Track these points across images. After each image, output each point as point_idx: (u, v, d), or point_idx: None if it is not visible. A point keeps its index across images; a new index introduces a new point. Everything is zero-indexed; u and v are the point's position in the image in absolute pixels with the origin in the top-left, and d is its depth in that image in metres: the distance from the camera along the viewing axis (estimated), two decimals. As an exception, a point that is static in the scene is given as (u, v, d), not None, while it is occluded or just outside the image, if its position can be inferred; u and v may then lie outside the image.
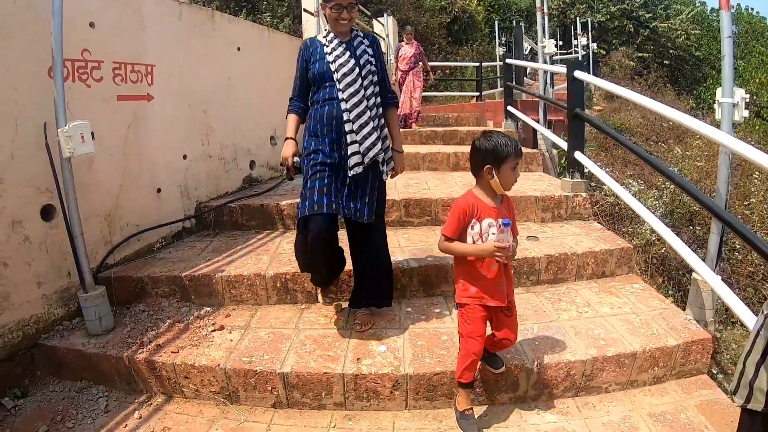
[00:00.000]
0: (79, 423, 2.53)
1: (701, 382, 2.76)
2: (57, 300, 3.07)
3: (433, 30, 13.82)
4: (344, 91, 2.70)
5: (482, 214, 2.25)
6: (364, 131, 2.71)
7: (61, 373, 2.90)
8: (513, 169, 2.22)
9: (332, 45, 2.76)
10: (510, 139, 2.22)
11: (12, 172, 2.81)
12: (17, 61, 2.83)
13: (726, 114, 2.79)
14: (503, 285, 2.30)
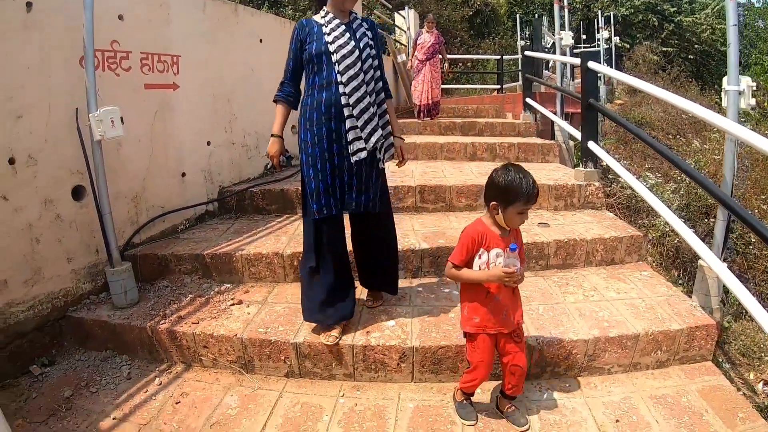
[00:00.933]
0: (103, 388, 2.68)
1: (705, 368, 2.77)
2: (85, 275, 3.23)
3: (455, 23, 13.73)
4: (343, 74, 2.52)
5: (491, 243, 2.21)
6: (364, 116, 2.56)
7: (86, 343, 3.05)
8: (520, 213, 2.15)
9: (331, 26, 2.59)
10: (528, 183, 2.09)
11: (45, 154, 2.96)
12: (51, 51, 2.97)
13: (732, 101, 2.79)
14: (507, 312, 2.25)
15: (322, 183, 2.59)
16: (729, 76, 2.81)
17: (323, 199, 2.58)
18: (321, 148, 2.57)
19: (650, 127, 8.73)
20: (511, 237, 2.25)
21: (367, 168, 2.65)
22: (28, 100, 2.86)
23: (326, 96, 2.55)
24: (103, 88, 3.07)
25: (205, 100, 4.28)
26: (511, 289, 2.26)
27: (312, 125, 2.59)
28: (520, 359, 2.29)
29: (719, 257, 2.94)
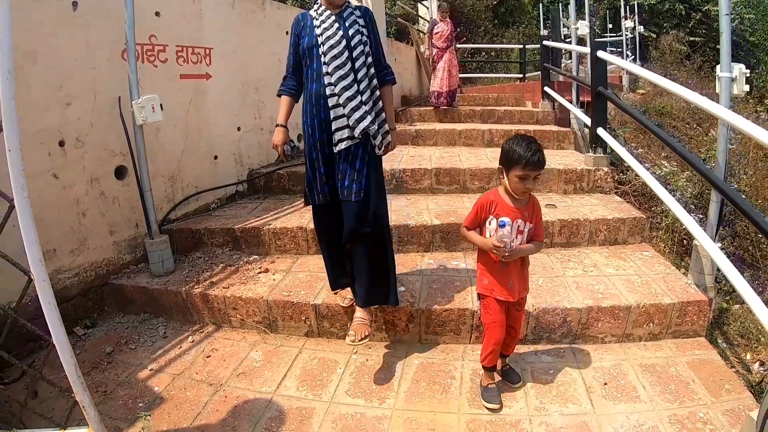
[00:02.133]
0: (141, 345, 2.99)
1: (698, 343, 2.89)
2: (125, 247, 3.55)
3: (479, 12, 13.73)
4: (329, 64, 2.54)
5: (499, 211, 2.25)
6: (351, 104, 2.55)
7: (126, 308, 3.38)
8: (521, 178, 2.17)
9: (321, 18, 2.61)
10: (530, 149, 2.13)
11: (91, 137, 3.27)
12: (95, 46, 3.26)
13: (724, 87, 2.91)
14: (513, 283, 2.32)
15: (315, 171, 2.67)
16: (722, 63, 2.92)
17: (317, 187, 2.68)
18: (313, 139, 2.64)
19: (671, 117, 8.69)
20: (525, 209, 2.28)
21: (352, 153, 2.62)
22: (75, 89, 3.16)
23: (315, 88, 2.59)
24: (143, 78, 3.35)
25: (235, 89, 4.57)
26: (518, 262, 2.34)
27: (306, 116, 2.66)
28: (516, 322, 2.47)
29: (713, 238, 3.07)
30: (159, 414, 2.36)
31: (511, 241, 2.23)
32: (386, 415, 2.32)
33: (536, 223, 2.34)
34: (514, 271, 2.34)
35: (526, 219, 2.28)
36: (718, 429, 2.21)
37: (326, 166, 2.66)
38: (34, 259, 1.49)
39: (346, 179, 2.61)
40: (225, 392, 2.50)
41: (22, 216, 1.47)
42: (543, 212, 3.85)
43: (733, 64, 2.88)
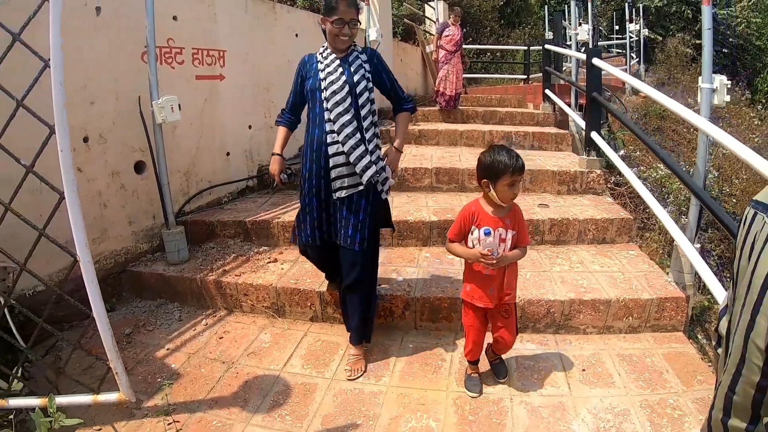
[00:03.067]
0: (158, 327, 3.26)
1: (675, 337, 3.10)
2: (143, 237, 3.82)
3: (486, 13, 13.91)
4: (332, 111, 2.54)
5: (481, 222, 2.34)
6: (356, 152, 2.55)
7: (142, 293, 3.65)
8: (510, 185, 2.26)
9: (326, 61, 2.61)
10: (511, 156, 2.23)
11: (113, 134, 3.53)
12: (116, 48, 3.52)
13: (705, 98, 3.13)
14: (494, 289, 2.40)
15: (309, 216, 2.70)
16: (703, 74, 3.14)
17: (305, 230, 2.73)
18: (310, 184, 2.66)
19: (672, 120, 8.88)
20: (506, 218, 2.36)
21: (356, 202, 2.65)
22: (98, 88, 3.42)
23: (318, 133, 2.59)
24: (161, 79, 3.60)
25: (247, 89, 4.83)
26: (502, 269, 2.40)
27: (305, 160, 2.68)
28: (505, 334, 2.50)
29: (692, 239, 3.31)
30: (176, 388, 2.63)
31: (497, 249, 2.32)
32: (382, 391, 2.59)
33: (519, 230, 2.40)
34: (497, 278, 2.40)
35: (508, 227, 2.35)
36: (686, 414, 2.41)
37: (319, 212, 2.69)
38: (81, 243, 1.76)
39: (350, 228, 2.63)
40: (236, 369, 2.77)
41: (71, 206, 1.73)
42: (535, 211, 4.17)
43: (715, 76, 3.10)
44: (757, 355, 0.83)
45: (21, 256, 1.97)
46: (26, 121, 1.87)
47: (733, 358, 0.91)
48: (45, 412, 1.94)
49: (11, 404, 2.03)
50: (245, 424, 2.36)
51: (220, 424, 2.36)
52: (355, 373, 2.71)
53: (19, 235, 2.29)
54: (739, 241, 0.94)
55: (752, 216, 0.89)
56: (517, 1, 15.27)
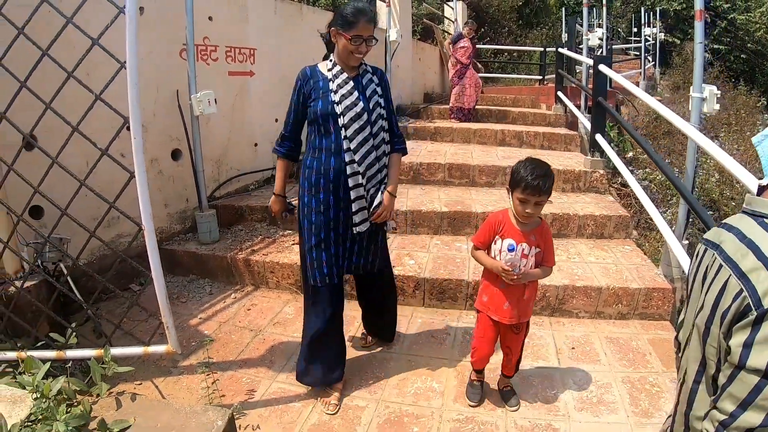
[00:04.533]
0: (190, 300, 3.64)
1: (662, 326, 3.38)
2: (177, 218, 4.21)
3: (504, 13, 14.14)
4: (352, 139, 2.34)
5: (506, 233, 2.29)
6: (372, 183, 2.45)
7: (175, 270, 4.01)
8: (521, 202, 2.18)
9: (338, 81, 2.35)
10: (534, 173, 2.12)
11: (153, 124, 3.90)
12: (157, 45, 3.88)
13: (695, 107, 3.41)
14: (510, 305, 2.35)
15: (325, 253, 2.46)
16: (694, 84, 3.43)
17: (326, 269, 2.47)
18: (327, 217, 2.43)
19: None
20: (532, 233, 2.29)
21: (377, 233, 2.62)
22: (141, 82, 3.74)
23: (335, 163, 2.36)
24: (197, 74, 3.94)
25: (274, 85, 5.20)
26: (521, 286, 2.35)
27: (318, 191, 2.41)
28: (515, 349, 2.51)
29: (680, 236, 3.59)
30: (210, 351, 2.99)
31: (520, 264, 2.29)
32: (392, 357, 2.95)
33: (545, 249, 2.34)
34: (515, 294, 2.35)
35: (532, 243, 2.29)
36: (664, 391, 2.68)
37: (337, 247, 2.50)
38: (146, 215, 2.14)
39: (370, 255, 2.62)
40: (263, 336, 3.15)
41: (140, 184, 2.12)
42: (540, 209, 4.45)
43: (705, 86, 3.39)
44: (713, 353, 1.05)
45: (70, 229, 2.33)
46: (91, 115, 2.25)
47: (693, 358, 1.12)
48: (99, 362, 2.23)
49: (69, 355, 2.35)
50: (271, 381, 2.73)
51: (249, 380, 2.73)
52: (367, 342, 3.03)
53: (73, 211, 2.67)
54: (692, 271, 1.17)
55: (703, 251, 1.13)
56: (536, 2, 15.44)
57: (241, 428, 2.33)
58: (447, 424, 2.44)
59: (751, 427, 0.93)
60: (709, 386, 1.07)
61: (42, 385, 1.90)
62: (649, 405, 2.57)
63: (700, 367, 1.10)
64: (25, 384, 1.96)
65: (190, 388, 2.65)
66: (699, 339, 1.09)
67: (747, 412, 0.93)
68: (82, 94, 2.22)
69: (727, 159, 2.56)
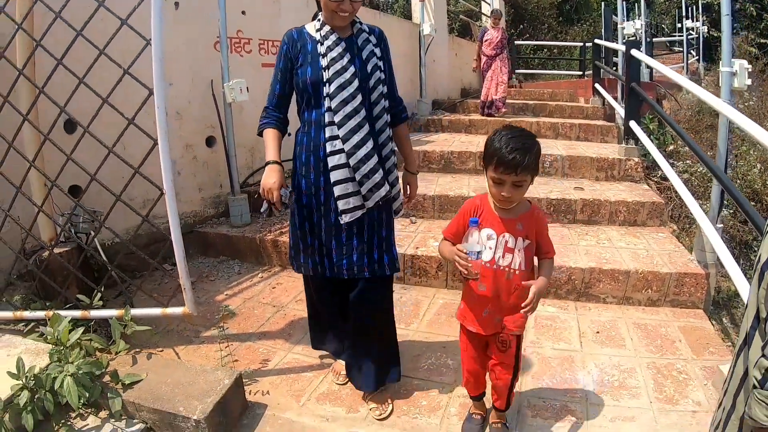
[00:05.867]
0: (218, 278, 3.70)
1: (694, 314, 3.17)
2: (210, 203, 4.29)
3: (543, 10, 13.88)
4: (336, 112, 1.96)
5: (483, 221, 1.81)
6: (365, 167, 1.99)
7: (207, 251, 4.10)
8: (495, 182, 1.71)
9: (328, 43, 1.99)
10: (509, 145, 1.65)
11: (188, 112, 4.01)
12: (193, 38, 3.99)
13: (725, 81, 3.22)
14: (489, 312, 1.87)
15: (302, 241, 2.16)
16: (723, 58, 3.24)
17: (311, 260, 2.17)
18: (317, 201, 2.08)
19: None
20: (517, 221, 1.81)
21: (366, 221, 2.12)
22: (177, 72, 3.90)
23: (324, 139, 2.01)
24: (231, 66, 4.03)
25: (305, 76, 5.25)
26: (507, 286, 1.83)
27: (308, 171, 2.07)
28: (500, 371, 1.96)
29: (714, 220, 3.40)
30: (231, 324, 3.04)
31: (480, 252, 1.73)
32: (409, 334, 2.90)
33: (541, 239, 1.86)
34: (494, 296, 1.85)
35: (519, 234, 1.80)
36: (692, 379, 2.52)
37: (327, 235, 2.11)
38: (167, 180, 2.19)
39: (374, 252, 2.15)
40: (285, 312, 3.16)
41: (162, 151, 2.20)
42: (569, 193, 4.32)
43: (734, 60, 3.20)
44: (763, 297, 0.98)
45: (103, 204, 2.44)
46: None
47: (752, 303, 1.03)
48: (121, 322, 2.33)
49: (92, 315, 2.43)
50: (287, 352, 2.74)
51: (265, 351, 2.75)
52: (384, 409, 2.28)
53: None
54: None
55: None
56: (576, -2, 15.09)
57: (252, 393, 2.34)
58: (457, 399, 2.37)
59: (764, 365, 0.90)
60: (762, 333, 1.00)
61: (60, 333, 1.96)
62: (674, 392, 2.42)
63: (756, 312, 1.04)
64: (47, 334, 2.03)
65: (207, 356, 2.68)
66: (757, 282, 1.03)
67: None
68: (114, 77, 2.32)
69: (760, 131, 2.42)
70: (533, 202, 1.90)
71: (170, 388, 1.94)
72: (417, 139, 6.07)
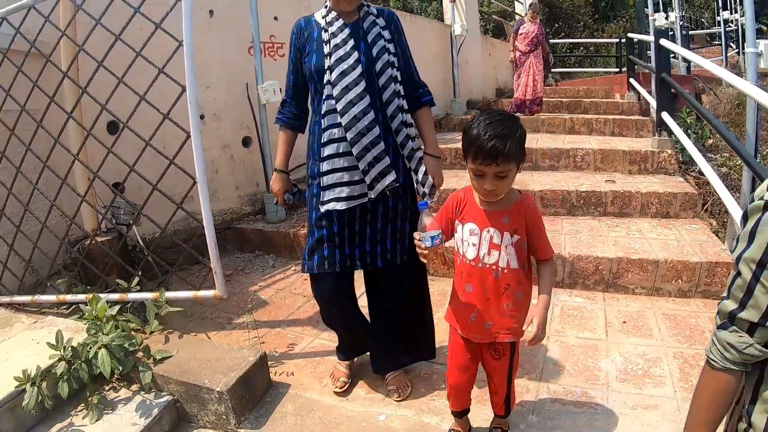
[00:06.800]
0: (253, 271, 3.81)
1: None
2: (246, 200, 4.42)
3: (578, 8, 13.56)
4: (339, 100, 1.89)
5: (466, 215, 1.65)
6: (369, 155, 1.92)
7: (243, 247, 4.23)
8: (476, 175, 1.53)
9: (332, 29, 1.93)
10: (488, 131, 1.46)
11: (225, 113, 4.16)
12: (228, 43, 4.14)
13: (751, 62, 3.11)
14: (477, 316, 1.68)
15: (326, 230, 2.05)
16: (747, 39, 3.13)
17: (326, 250, 2.06)
18: None
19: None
20: (504, 214, 1.61)
21: (388, 211, 2.06)
22: (213, 76, 4.05)
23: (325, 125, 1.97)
24: (265, 70, 4.15)
25: (338, 78, 5.35)
26: (495, 286, 1.64)
27: (320, 158, 2.01)
28: (495, 374, 1.79)
29: (745, 207, 3.27)
30: (262, 312, 3.14)
31: (433, 237, 1.56)
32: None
33: (533, 234, 1.63)
34: (480, 297, 1.67)
35: (506, 228, 1.60)
36: None
37: (339, 225, 2.05)
38: (200, 169, 2.30)
39: (377, 240, 2.07)
40: (314, 302, 3.21)
41: (195, 142, 2.30)
42: (600, 186, 4.22)
43: (759, 41, 3.09)
44: None
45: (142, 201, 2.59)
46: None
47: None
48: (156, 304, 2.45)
49: (130, 297, 2.56)
50: (314, 337, 2.81)
51: (293, 336, 2.83)
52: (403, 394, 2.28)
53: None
54: None
55: None
56: (611, -6, 14.69)
57: (277, 374, 2.42)
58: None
59: (724, 309, 1.00)
60: None
61: (97, 310, 2.08)
62: (701, 381, 2.36)
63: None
64: (85, 311, 2.16)
65: (237, 340, 2.78)
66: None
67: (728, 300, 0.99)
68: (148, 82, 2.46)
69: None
70: (523, 192, 1.68)
71: (198, 363, 2.04)
72: (450, 137, 6.06)
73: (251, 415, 2.14)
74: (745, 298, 0.96)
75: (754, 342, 0.96)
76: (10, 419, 1.96)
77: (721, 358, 1.00)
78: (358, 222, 2.04)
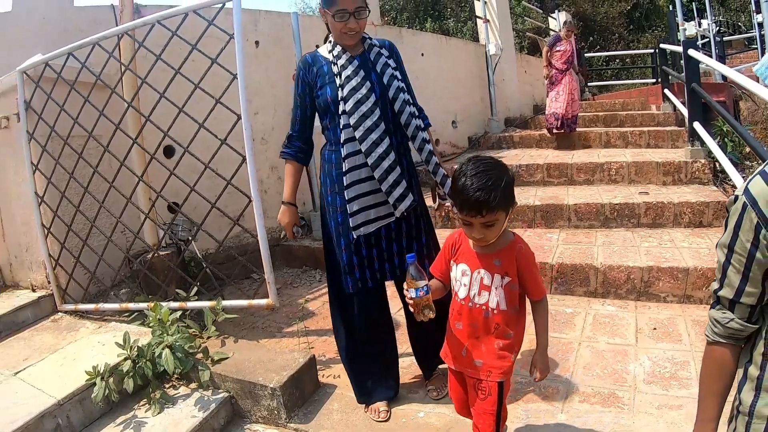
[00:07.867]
0: (301, 285, 4.04)
1: None
2: (295, 219, 4.68)
3: (612, 19, 13.41)
4: (357, 127, 1.98)
5: (460, 256, 1.69)
6: (390, 178, 2.02)
7: (291, 263, 4.46)
8: (465, 224, 1.56)
9: (341, 62, 2.04)
10: (477, 186, 1.47)
11: (272, 137, 4.47)
12: (273, 70, 4.45)
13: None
14: (467, 351, 1.69)
15: (356, 256, 2.12)
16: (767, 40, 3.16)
17: (358, 273, 2.14)
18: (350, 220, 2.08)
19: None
20: (497, 255, 1.62)
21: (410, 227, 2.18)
22: (261, 103, 4.35)
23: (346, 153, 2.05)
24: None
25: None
26: (485, 325, 1.65)
27: (333, 190, 2.12)
28: (478, 412, 1.71)
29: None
30: (310, 321, 3.34)
31: (418, 288, 1.59)
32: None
33: (526, 276, 1.63)
34: (469, 334, 1.69)
35: (496, 270, 1.61)
36: None
37: (367, 247, 2.13)
38: (254, 189, 2.55)
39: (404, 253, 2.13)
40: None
41: (250, 164, 2.58)
42: (633, 198, 4.24)
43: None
44: None
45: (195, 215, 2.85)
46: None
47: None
48: (213, 311, 2.66)
49: (189, 305, 2.77)
50: (359, 344, 2.98)
51: (341, 344, 3.01)
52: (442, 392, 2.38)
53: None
54: None
55: None
56: (645, 4, 14.43)
57: (324, 377, 2.60)
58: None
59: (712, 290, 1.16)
60: None
61: (161, 315, 2.32)
62: (729, 384, 2.40)
63: None
64: (149, 317, 2.41)
65: (288, 347, 2.98)
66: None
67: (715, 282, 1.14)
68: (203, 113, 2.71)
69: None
70: (517, 235, 1.69)
71: (252, 364, 2.25)
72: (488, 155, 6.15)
73: (300, 411, 2.33)
74: (723, 279, 1.12)
75: (735, 317, 1.11)
76: (79, 410, 2.20)
77: (711, 332, 1.17)
78: (384, 241, 2.14)
